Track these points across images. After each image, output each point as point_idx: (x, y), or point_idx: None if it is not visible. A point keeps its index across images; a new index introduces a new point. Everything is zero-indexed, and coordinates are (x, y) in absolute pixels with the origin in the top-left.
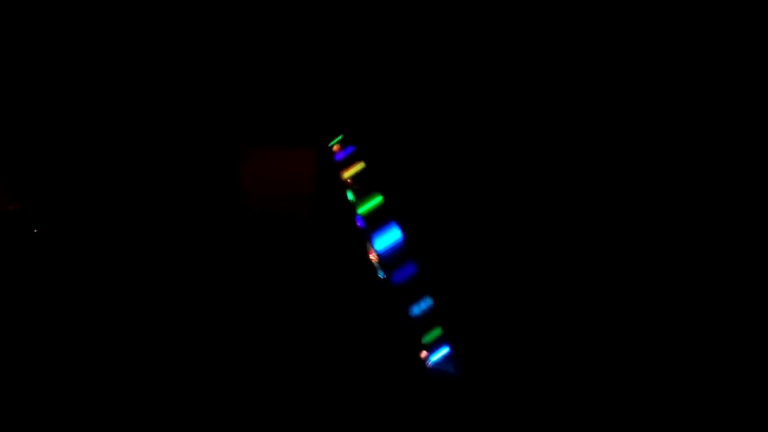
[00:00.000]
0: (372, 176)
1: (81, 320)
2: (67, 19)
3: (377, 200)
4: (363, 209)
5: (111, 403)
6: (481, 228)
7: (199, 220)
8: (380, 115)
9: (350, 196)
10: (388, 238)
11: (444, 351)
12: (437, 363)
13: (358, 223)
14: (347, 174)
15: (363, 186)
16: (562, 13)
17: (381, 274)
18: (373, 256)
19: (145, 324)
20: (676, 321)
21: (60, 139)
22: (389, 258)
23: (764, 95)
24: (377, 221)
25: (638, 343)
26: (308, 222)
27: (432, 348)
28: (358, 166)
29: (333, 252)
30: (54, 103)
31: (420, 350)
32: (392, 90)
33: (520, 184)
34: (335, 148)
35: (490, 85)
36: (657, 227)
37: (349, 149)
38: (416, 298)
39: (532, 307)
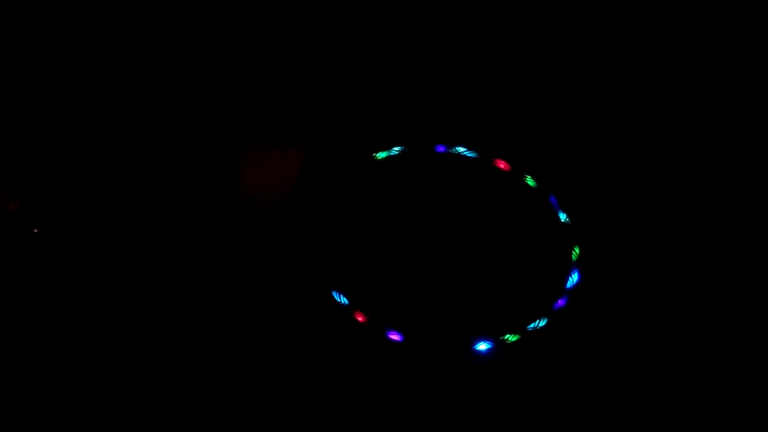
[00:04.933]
0: None
1: (81, 320)
2: (67, 19)
3: None
4: None
5: (111, 403)
6: None
7: (198, 219)
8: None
9: None
10: None
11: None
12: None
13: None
14: None
15: None
16: None
17: None
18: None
19: (144, 323)
20: None
21: (60, 139)
22: None
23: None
24: None
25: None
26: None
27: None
28: None
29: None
30: (54, 103)
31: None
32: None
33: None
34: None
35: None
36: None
37: None
38: None
39: None
